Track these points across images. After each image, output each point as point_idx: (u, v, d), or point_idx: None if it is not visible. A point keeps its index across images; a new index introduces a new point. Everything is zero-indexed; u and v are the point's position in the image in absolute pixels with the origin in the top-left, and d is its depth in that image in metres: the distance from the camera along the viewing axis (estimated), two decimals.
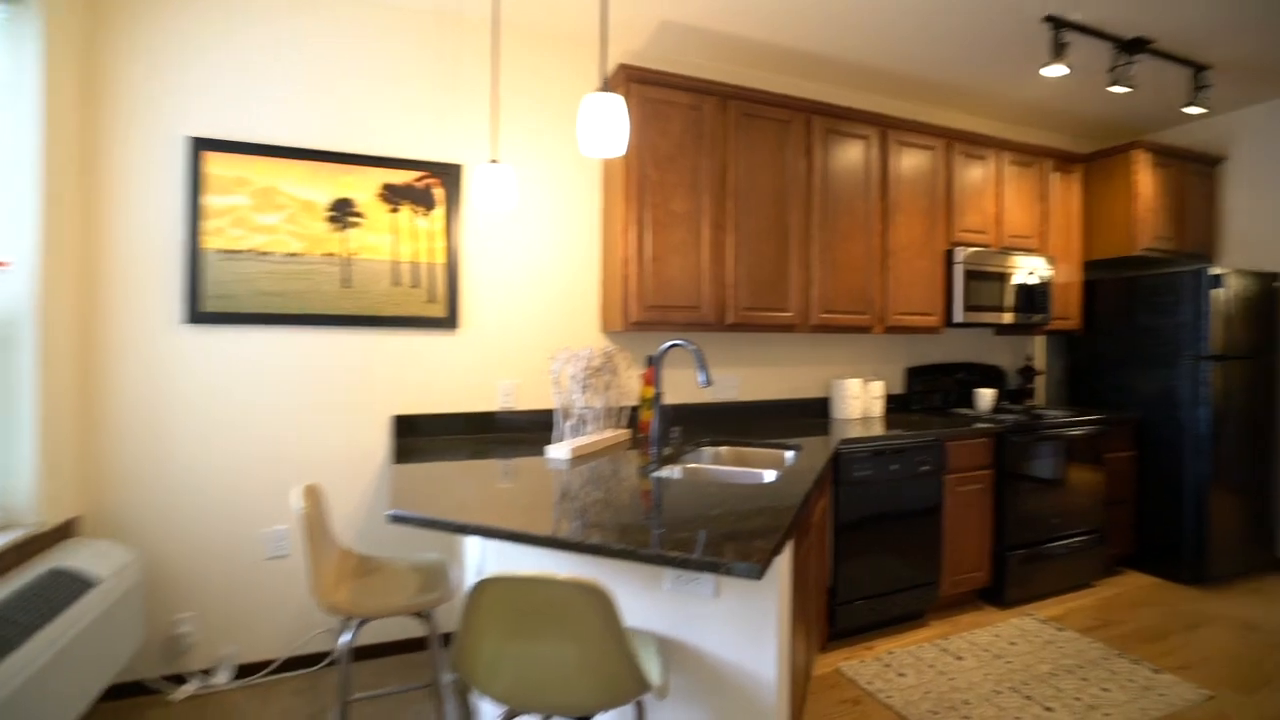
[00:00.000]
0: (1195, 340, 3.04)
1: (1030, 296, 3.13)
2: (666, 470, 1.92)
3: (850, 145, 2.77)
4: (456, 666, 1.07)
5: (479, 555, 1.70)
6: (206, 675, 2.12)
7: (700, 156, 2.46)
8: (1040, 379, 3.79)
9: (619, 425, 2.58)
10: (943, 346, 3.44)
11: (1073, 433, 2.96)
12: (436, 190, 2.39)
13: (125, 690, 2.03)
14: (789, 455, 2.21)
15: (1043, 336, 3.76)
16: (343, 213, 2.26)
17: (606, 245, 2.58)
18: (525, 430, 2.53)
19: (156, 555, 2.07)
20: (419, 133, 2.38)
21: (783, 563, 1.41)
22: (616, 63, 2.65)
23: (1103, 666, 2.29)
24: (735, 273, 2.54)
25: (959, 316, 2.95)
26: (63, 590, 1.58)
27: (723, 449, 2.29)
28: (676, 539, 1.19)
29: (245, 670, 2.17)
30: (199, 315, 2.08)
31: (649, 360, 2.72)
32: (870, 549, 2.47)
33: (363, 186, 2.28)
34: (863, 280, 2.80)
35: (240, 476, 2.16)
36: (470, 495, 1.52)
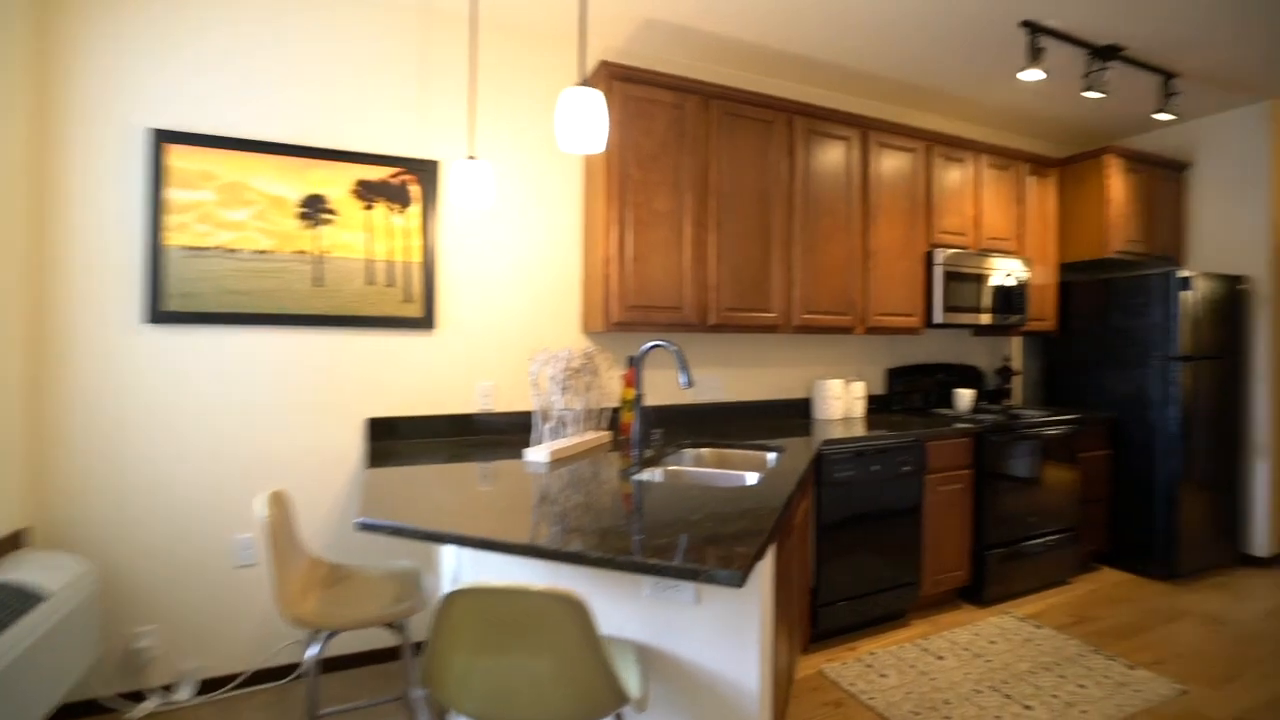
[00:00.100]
0: (1165, 341, 3.10)
1: (1008, 298, 3.17)
2: (647, 473, 1.89)
3: (832, 146, 2.78)
4: (426, 682, 1.02)
5: (455, 562, 1.65)
6: (168, 691, 2.03)
7: (683, 155, 2.44)
8: (1017, 379, 3.84)
9: (600, 427, 2.54)
10: (923, 347, 3.47)
11: (1049, 432, 3.00)
12: (413, 187, 2.33)
13: (79, 710, 1.93)
14: (771, 457, 2.19)
15: (1019, 337, 3.82)
16: (315, 209, 2.19)
17: (588, 244, 2.55)
18: (504, 432, 2.48)
19: (115, 566, 1.97)
20: (395, 128, 2.31)
21: (765, 567, 1.38)
22: (598, 59, 2.62)
23: (1080, 663, 2.32)
24: (718, 273, 2.52)
25: (939, 317, 2.98)
26: (7, 605, 1.49)
27: (705, 451, 2.27)
28: (656, 545, 1.15)
29: (209, 685, 2.08)
30: (161, 315, 1.99)
31: (630, 361, 2.69)
32: (852, 550, 2.47)
33: (336, 182, 2.21)
34: (844, 281, 2.80)
35: (206, 483, 2.07)
36: (445, 500, 1.47)
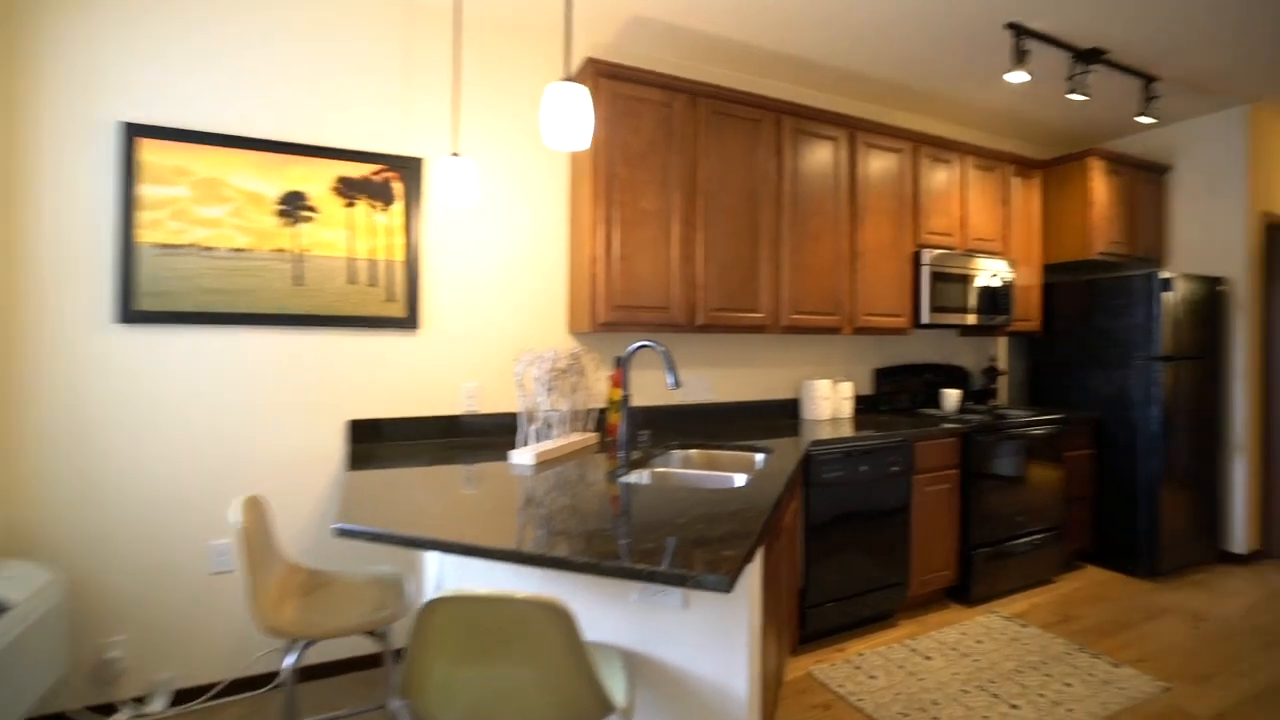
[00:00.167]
0: (1147, 341, 3.14)
1: (993, 298, 3.19)
2: (635, 475, 1.87)
3: (820, 146, 2.77)
4: (405, 693, 0.99)
5: (438, 567, 1.61)
6: (140, 703, 1.96)
7: (671, 154, 2.42)
8: (1003, 379, 3.87)
9: (586, 429, 2.51)
10: (910, 347, 3.48)
11: (1035, 432, 3.02)
12: (395, 184, 2.28)
13: None
14: (759, 458, 2.18)
15: (1005, 338, 3.85)
16: (294, 206, 2.14)
17: (574, 244, 2.52)
18: (490, 434, 2.44)
19: (84, 575, 1.91)
20: (377, 124, 2.27)
21: (754, 570, 1.36)
22: (585, 56, 2.59)
23: (1065, 662, 2.33)
24: (705, 273, 2.50)
25: (926, 318, 2.98)
26: None
27: (693, 452, 2.25)
28: (643, 550, 1.13)
29: (184, 696, 2.02)
30: (133, 314, 1.93)
31: (617, 362, 2.66)
32: (841, 550, 2.46)
33: (316, 179, 2.16)
34: (832, 281, 2.80)
35: (181, 487, 2.01)
36: (428, 504, 1.44)
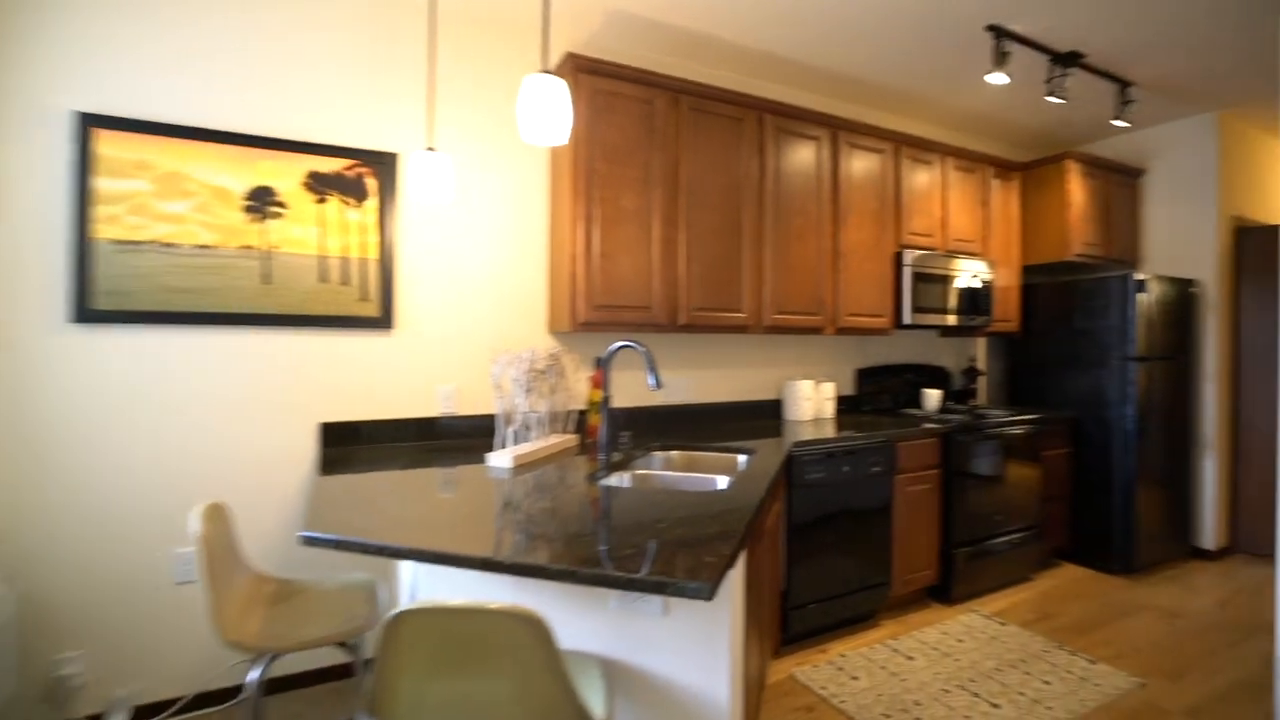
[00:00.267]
0: (1122, 342, 3.19)
1: (973, 299, 3.21)
2: (615, 478, 1.83)
3: (802, 145, 2.76)
4: (372, 710, 0.94)
5: (412, 574, 1.56)
6: None
7: (652, 151, 2.39)
8: (982, 380, 3.91)
9: (566, 430, 2.47)
10: (891, 348, 3.49)
11: (1014, 432, 3.04)
12: (369, 180, 2.22)
13: None
14: (742, 459, 2.15)
15: (984, 338, 3.88)
16: (262, 202, 2.06)
17: (554, 242, 2.47)
18: (468, 436, 2.39)
19: (37, 588, 1.81)
20: (350, 118, 2.20)
21: (736, 575, 1.34)
22: (564, 51, 2.54)
23: (1044, 659, 2.35)
24: (687, 272, 2.47)
25: (908, 318, 2.99)
26: None
27: (674, 454, 2.22)
28: (623, 555, 1.10)
29: (144, 712, 1.93)
30: (89, 314, 1.84)
31: (598, 362, 2.62)
32: (824, 552, 2.45)
33: (285, 174, 2.09)
34: (815, 281, 2.79)
35: (142, 496, 1.93)
36: (400, 510, 1.39)
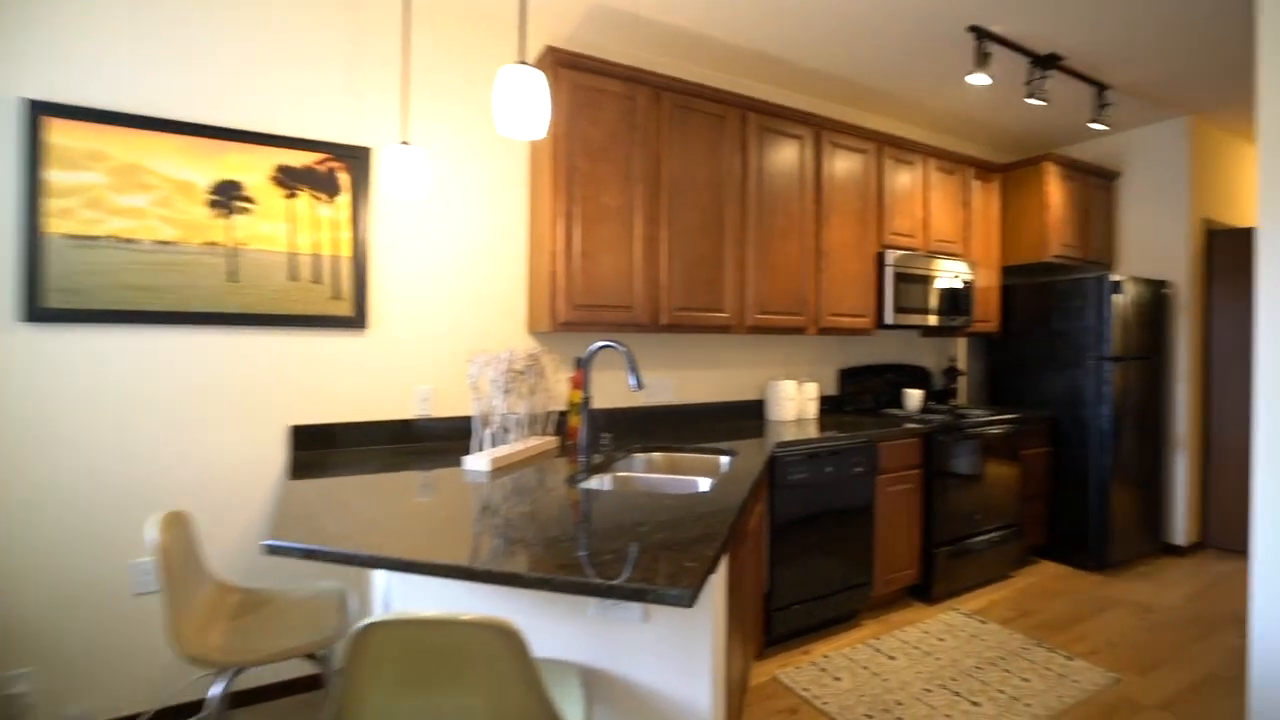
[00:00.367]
0: (1099, 342, 3.24)
1: (954, 299, 3.23)
2: (595, 480, 1.80)
3: (785, 144, 2.75)
4: None
5: (385, 583, 1.51)
6: None
7: (634, 148, 2.35)
8: (963, 380, 3.94)
9: (545, 432, 2.43)
10: (873, 348, 3.50)
11: (993, 432, 3.07)
12: (341, 175, 2.15)
13: None
14: (724, 461, 2.13)
15: (965, 338, 3.92)
16: (228, 196, 1.99)
17: (533, 240, 2.43)
18: (445, 439, 2.33)
19: None
20: (321, 110, 2.13)
21: (718, 579, 1.31)
22: (544, 45, 2.50)
23: (1023, 657, 2.37)
24: (669, 271, 2.44)
25: (890, 318, 3.00)
26: None
27: (656, 455, 2.19)
28: (602, 560, 1.06)
29: None
30: (40, 312, 1.75)
31: (578, 362, 2.58)
32: (806, 552, 2.44)
33: (253, 168, 2.02)
34: (798, 281, 2.78)
35: (99, 504, 1.84)
36: (373, 515, 1.33)
